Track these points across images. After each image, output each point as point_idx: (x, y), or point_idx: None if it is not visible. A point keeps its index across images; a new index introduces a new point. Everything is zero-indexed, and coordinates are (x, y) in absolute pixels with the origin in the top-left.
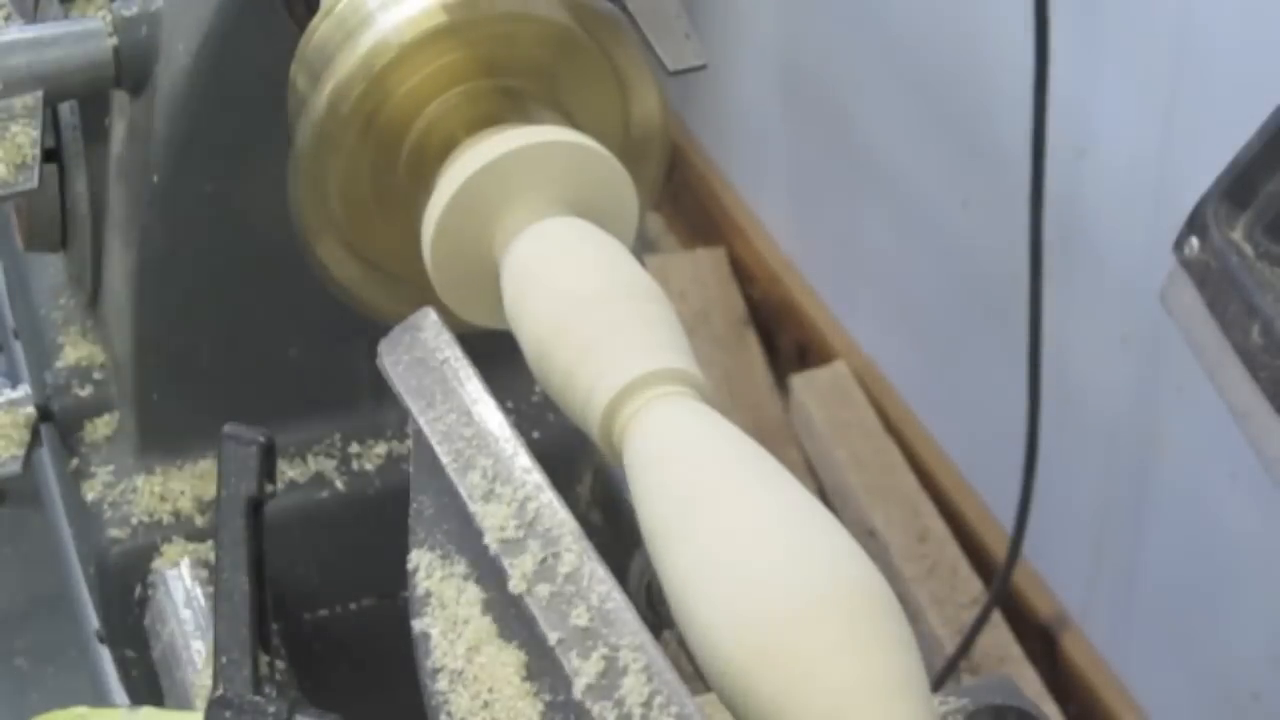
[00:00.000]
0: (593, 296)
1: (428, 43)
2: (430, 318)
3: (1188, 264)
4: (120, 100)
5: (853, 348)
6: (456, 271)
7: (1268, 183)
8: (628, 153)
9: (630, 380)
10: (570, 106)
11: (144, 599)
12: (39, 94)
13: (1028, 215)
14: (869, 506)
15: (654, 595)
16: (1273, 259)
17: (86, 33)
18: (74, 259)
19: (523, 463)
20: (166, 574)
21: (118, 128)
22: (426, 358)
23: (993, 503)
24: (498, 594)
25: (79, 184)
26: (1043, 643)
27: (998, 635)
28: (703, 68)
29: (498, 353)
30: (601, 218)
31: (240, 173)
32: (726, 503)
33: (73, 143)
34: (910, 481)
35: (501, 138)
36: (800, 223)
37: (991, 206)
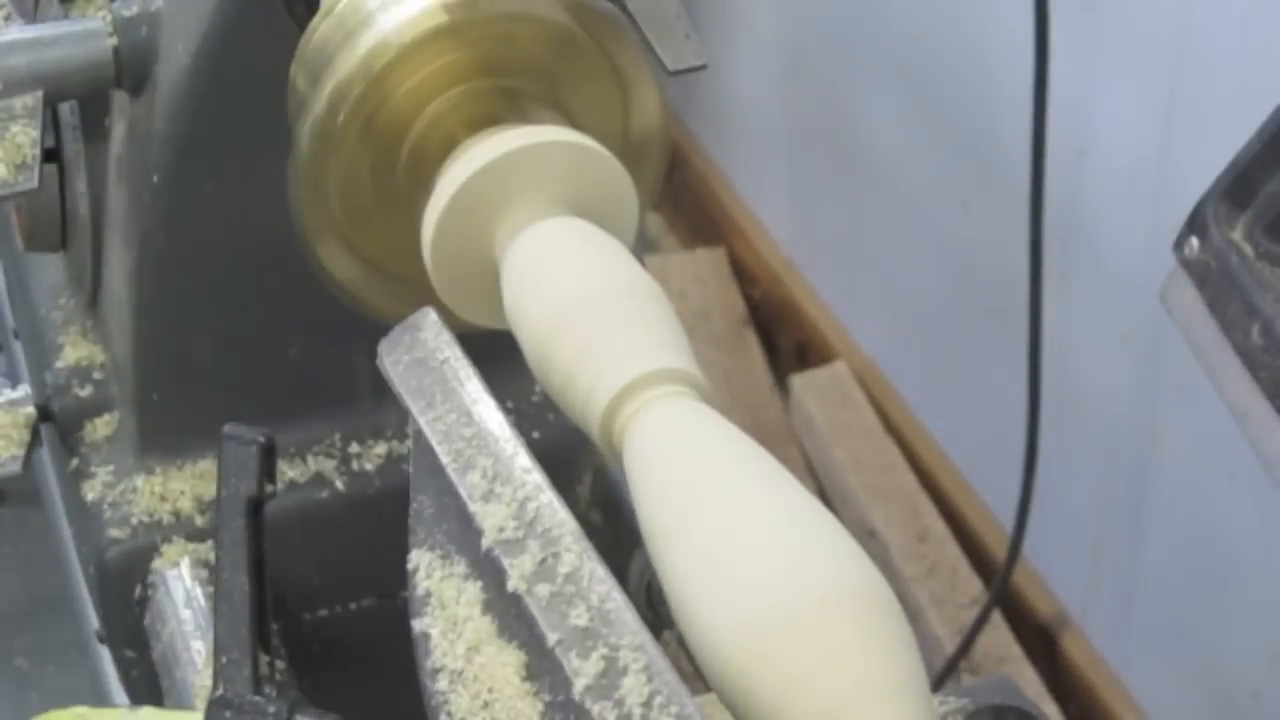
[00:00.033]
0: (593, 296)
1: (428, 43)
2: (430, 318)
3: (1188, 264)
4: (120, 100)
5: (853, 348)
6: (456, 272)
7: (1268, 183)
8: (628, 153)
9: (630, 380)
10: (570, 106)
11: (144, 599)
12: (39, 94)
13: (1028, 215)
14: (869, 506)
15: (654, 595)
16: (1273, 259)
17: (86, 33)
18: (74, 259)
19: (523, 463)
20: (166, 574)
21: (118, 128)
22: (426, 358)
23: (993, 503)
24: (498, 594)
25: (79, 184)
26: (1043, 643)
27: (998, 635)
28: (703, 68)
29: (498, 353)
30: (601, 218)
31: (240, 173)
32: (726, 503)
33: (73, 143)
34: (910, 481)
35: (501, 138)
36: (800, 223)
37: (991, 206)
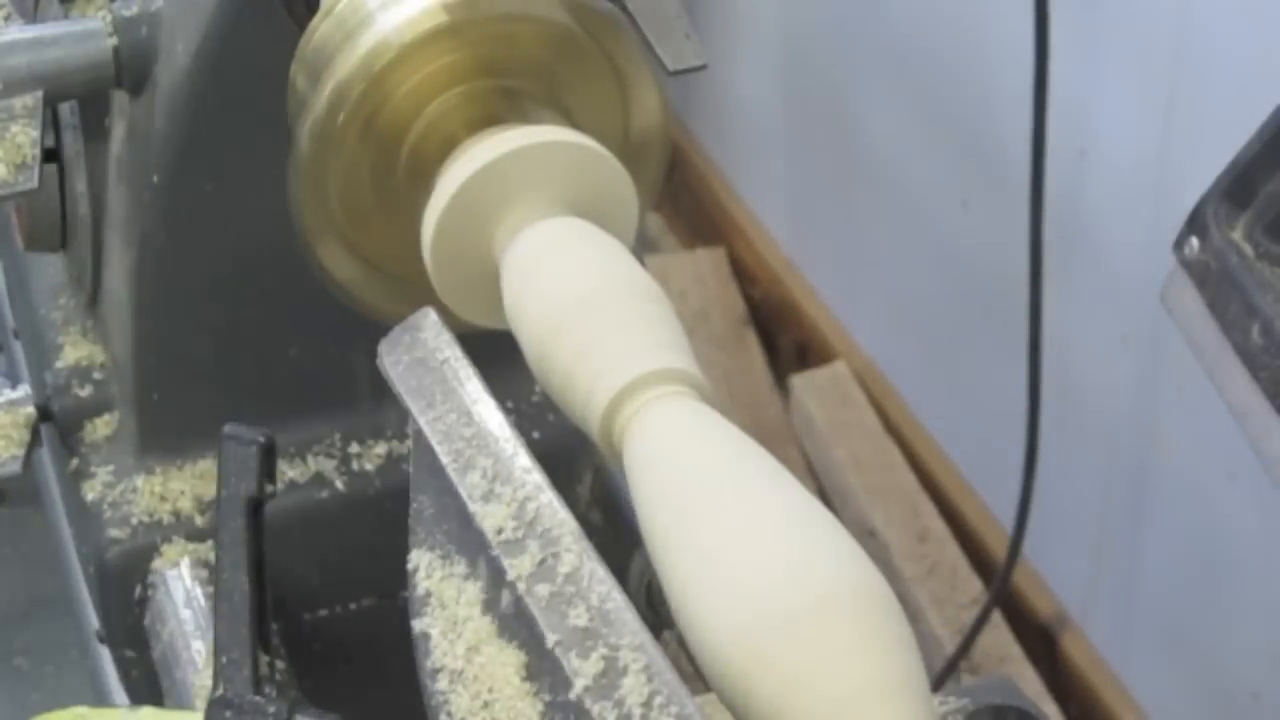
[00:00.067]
0: (593, 296)
1: (428, 43)
2: (430, 318)
3: (1188, 264)
4: (120, 100)
5: (853, 348)
6: (456, 272)
7: (1268, 183)
8: (628, 153)
9: (630, 380)
10: (570, 106)
11: (144, 599)
12: (39, 94)
13: (1028, 215)
14: (869, 506)
15: (654, 595)
16: (1273, 259)
17: (86, 33)
18: (74, 259)
19: (523, 463)
20: (166, 574)
21: (118, 128)
22: (426, 358)
23: (993, 503)
24: (498, 594)
25: (79, 184)
26: (1043, 643)
27: (998, 635)
28: (703, 68)
29: (498, 353)
30: (601, 218)
31: (240, 173)
32: (726, 503)
33: (73, 143)
34: (910, 481)
35: (501, 138)
36: (800, 223)
37: (991, 206)
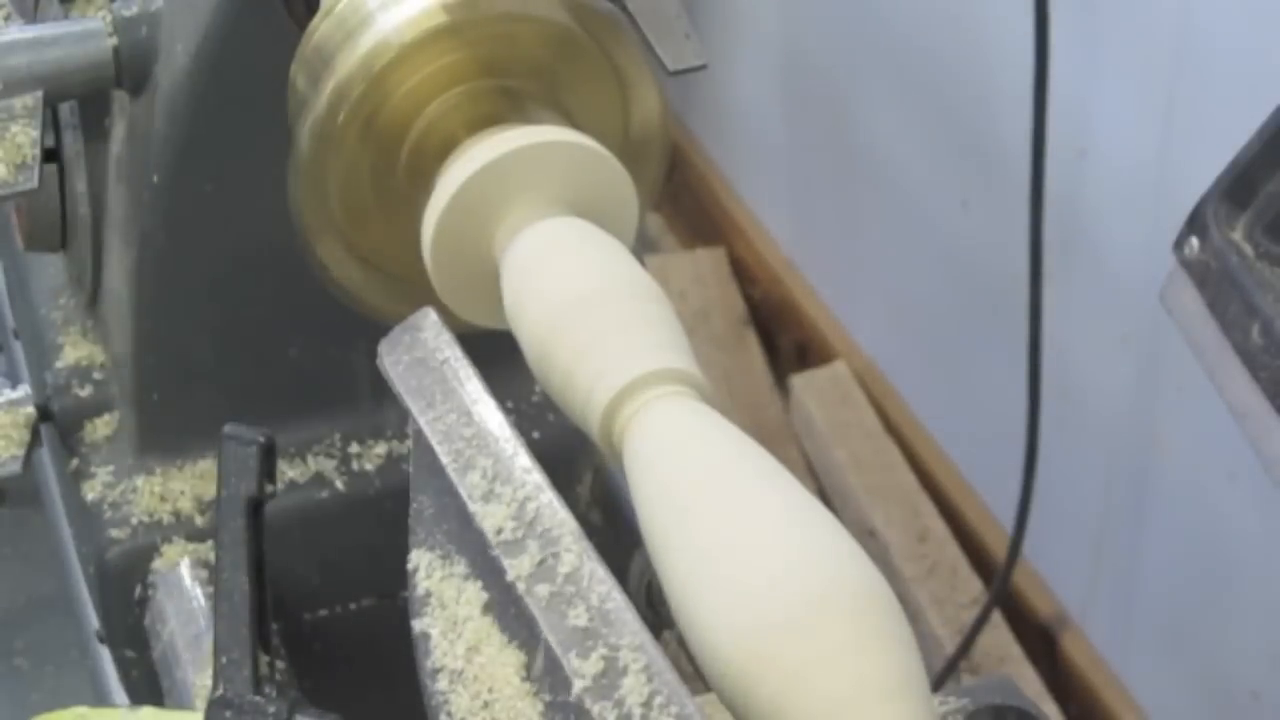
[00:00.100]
0: (592, 296)
1: (428, 43)
2: (430, 318)
3: (1188, 264)
4: (120, 100)
5: (853, 348)
6: (456, 272)
7: (1268, 183)
8: (628, 153)
9: (630, 380)
10: (570, 106)
11: (144, 599)
12: (39, 94)
13: (1028, 215)
14: (869, 506)
15: (654, 595)
16: (1273, 259)
17: (86, 33)
18: (74, 259)
19: (523, 463)
20: (166, 574)
21: (118, 128)
22: (426, 358)
23: (993, 503)
24: (498, 594)
25: (79, 184)
26: (1043, 643)
27: (998, 635)
28: (703, 68)
29: (498, 353)
30: (601, 218)
31: (240, 173)
32: (726, 503)
33: (73, 143)
34: (910, 481)
35: (501, 138)
36: (800, 223)
37: (991, 206)
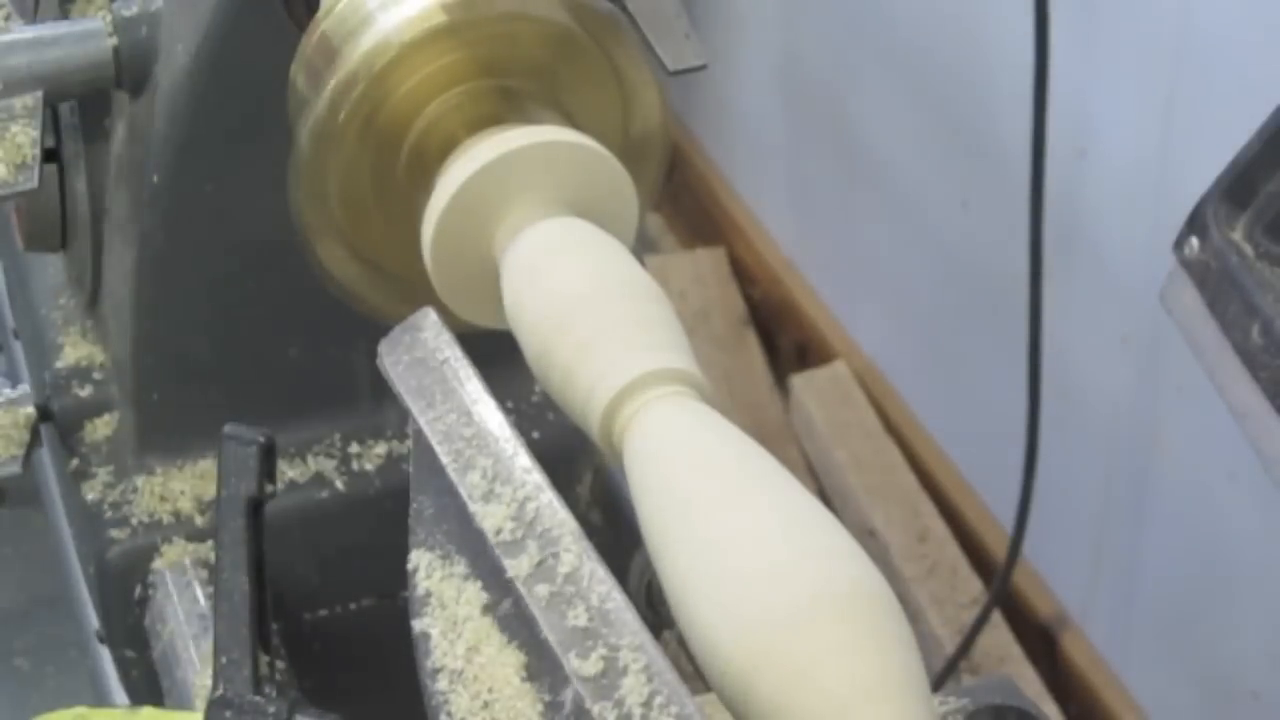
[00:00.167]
0: (593, 296)
1: (428, 43)
2: (430, 318)
3: (1188, 264)
4: (120, 100)
5: (853, 348)
6: (456, 271)
7: (1268, 183)
8: (628, 153)
9: (630, 380)
10: (570, 106)
11: (144, 599)
12: (39, 94)
13: (1028, 215)
14: (869, 506)
15: (654, 595)
16: (1273, 259)
17: (86, 33)
18: (74, 259)
19: (523, 463)
20: (166, 574)
21: (118, 128)
22: (426, 358)
23: (993, 503)
24: (498, 594)
25: (79, 184)
26: (1043, 643)
27: (998, 635)
28: (703, 68)
29: (498, 353)
30: (601, 218)
31: (240, 173)
32: (726, 503)
33: (73, 143)
34: (910, 481)
35: (501, 138)
36: (800, 223)
37: (991, 206)
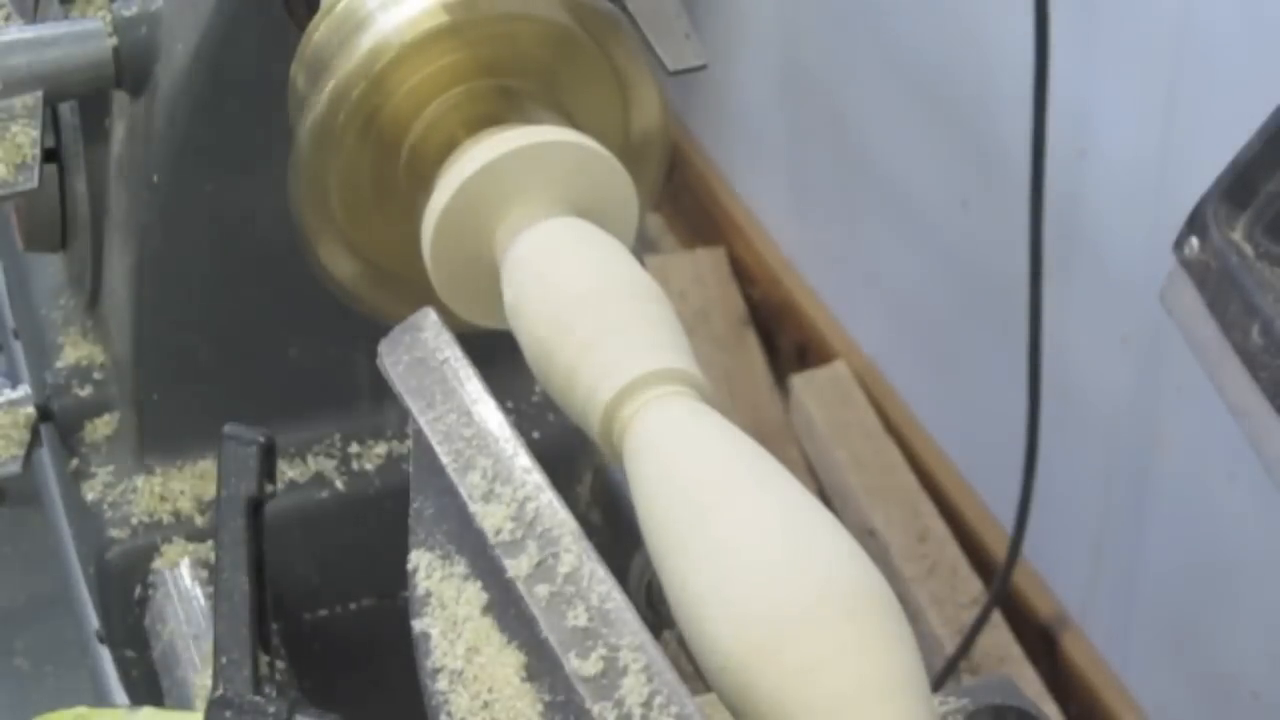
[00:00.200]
0: (592, 296)
1: (428, 43)
2: (430, 318)
3: (1188, 264)
4: (120, 100)
5: (853, 348)
6: (456, 271)
7: (1268, 183)
8: (628, 153)
9: (630, 380)
10: (570, 107)
11: (144, 599)
12: (39, 94)
13: (1028, 215)
14: (869, 506)
15: (654, 595)
16: (1273, 259)
17: (86, 33)
18: (74, 259)
19: (523, 463)
20: (166, 574)
21: (118, 128)
22: (426, 358)
23: (993, 503)
24: (498, 594)
25: (79, 184)
26: (1043, 643)
27: (998, 635)
28: (703, 68)
29: (498, 353)
30: (601, 218)
31: (240, 172)
32: (727, 503)
33: (73, 143)
34: (910, 481)
35: (501, 138)
36: (800, 223)
37: (991, 206)
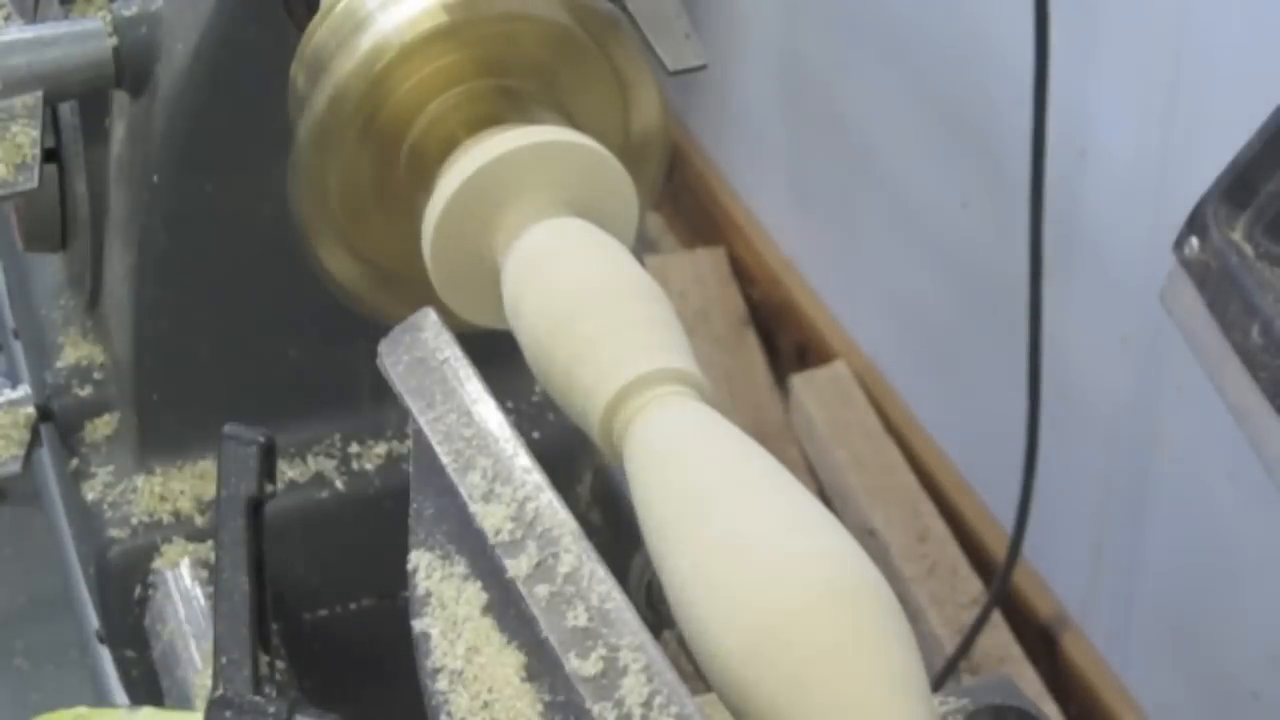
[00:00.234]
0: (593, 296)
1: (428, 43)
2: (430, 318)
3: (1188, 264)
4: (120, 100)
5: (853, 348)
6: (456, 271)
7: (1268, 183)
8: (628, 153)
9: (631, 380)
10: (570, 107)
11: (144, 599)
12: (39, 94)
13: (1028, 215)
14: (869, 506)
15: (654, 595)
16: (1273, 259)
17: (86, 33)
18: (74, 259)
19: (523, 463)
20: (166, 574)
21: (118, 128)
22: (426, 358)
23: (993, 503)
24: (498, 594)
25: (79, 184)
26: (1043, 643)
27: (998, 635)
28: (703, 68)
29: (498, 353)
30: (601, 218)
31: (240, 172)
32: (726, 502)
33: (73, 143)
34: (910, 481)
35: (501, 138)
36: (800, 223)
37: (991, 206)
